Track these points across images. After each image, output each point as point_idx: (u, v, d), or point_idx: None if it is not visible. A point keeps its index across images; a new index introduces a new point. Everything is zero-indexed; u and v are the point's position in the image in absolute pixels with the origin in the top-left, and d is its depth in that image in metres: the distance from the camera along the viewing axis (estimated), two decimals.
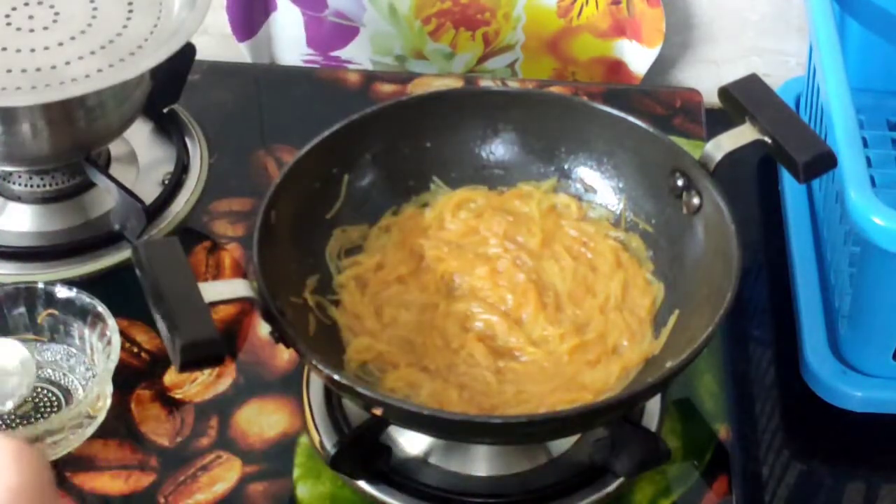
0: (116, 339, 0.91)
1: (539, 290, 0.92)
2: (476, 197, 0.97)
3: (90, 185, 1.06)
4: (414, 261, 0.94)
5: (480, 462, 0.89)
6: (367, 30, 1.35)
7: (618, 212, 0.96)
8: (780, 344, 1.07)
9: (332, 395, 0.91)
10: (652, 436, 0.87)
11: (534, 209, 0.96)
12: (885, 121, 1.23)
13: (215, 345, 0.74)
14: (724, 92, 0.90)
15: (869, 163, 1.17)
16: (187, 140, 1.12)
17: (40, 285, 0.94)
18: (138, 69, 0.97)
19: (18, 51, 0.99)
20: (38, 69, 0.97)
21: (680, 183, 0.91)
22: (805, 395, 1.01)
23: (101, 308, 0.93)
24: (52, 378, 0.95)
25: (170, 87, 1.09)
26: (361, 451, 0.85)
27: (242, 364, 0.97)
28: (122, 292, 0.97)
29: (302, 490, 0.89)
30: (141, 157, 1.11)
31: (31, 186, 1.06)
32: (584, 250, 0.94)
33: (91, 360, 0.94)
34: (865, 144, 1.18)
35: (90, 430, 0.91)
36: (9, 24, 1.01)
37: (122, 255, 1.02)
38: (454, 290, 0.92)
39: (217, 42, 1.36)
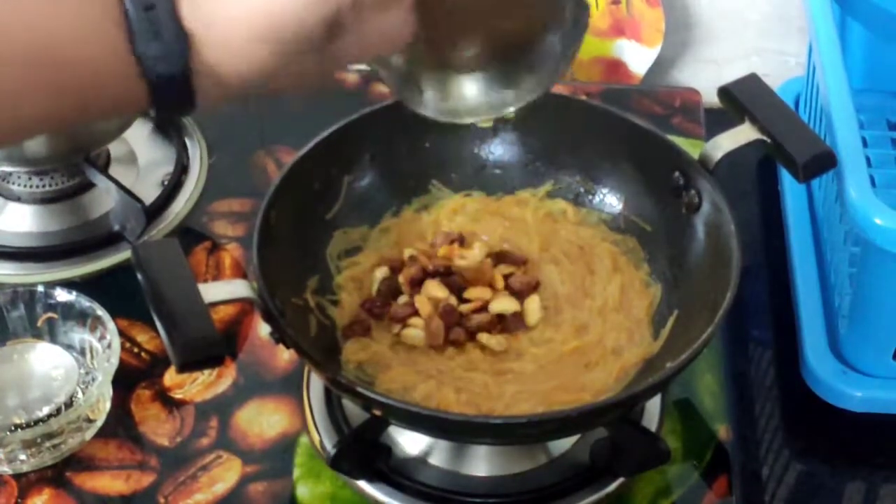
0: (116, 343, 0.91)
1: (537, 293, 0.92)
2: (473, 202, 0.97)
3: (90, 185, 1.06)
4: None
5: (480, 462, 0.89)
6: None
7: (617, 212, 0.96)
8: (780, 344, 1.06)
9: (332, 395, 0.91)
10: (652, 436, 0.87)
11: (529, 215, 0.96)
12: (885, 121, 1.23)
13: (215, 345, 0.74)
14: (723, 92, 0.90)
15: (869, 163, 1.17)
16: (187, 140, 1.12)
17: (40, 288, 0.94)
18: None
19: None
20: None
21: (679, 182, 0.91)
22: (805, 395, 1.01)
23: (101, 311, 0.93)
24: None
25: None
26: (361, 451, 0.85)
27: (242, 364, 0.97)
28: (121, 293, 0.96)
29: (302, 490, 0.89)
30: (141, 157, 1.11)
31: (31, 187, 1.06)
32: (581, 254, 0.94)
33: (90, 363, 0.94)
34: (865, 144, 1.18)
35: (89, 434, 0.91)
36: None
37: (121, 255, 1.02)
38: None
39: None
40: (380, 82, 1.20)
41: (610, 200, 0.96)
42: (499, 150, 0.98)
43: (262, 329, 0.94)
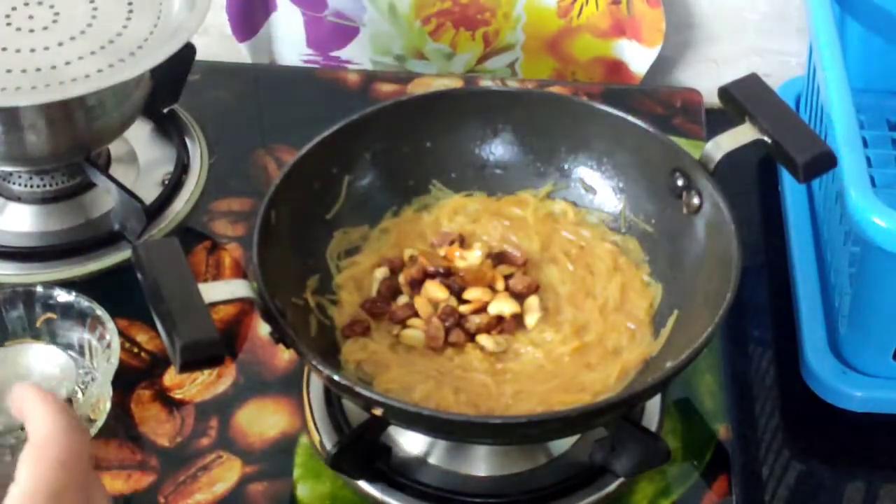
0: (116, 343, 0.91)
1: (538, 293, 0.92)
2: (473, 203, 0.97)
3: (90, 185, 1.06)
4: None
5: (480, 462, 0.89)
6: (367, 30, 1.35)
7: (617, 212, 0.96)
8: (780, 344, 1.07)
9: (332, 395, 0.91)
10: (652, 436, 0.87)
11: (529, 216, 0.96)
12: (885, 121, 1.23)
13: (215, 345, 0.74)
14: (724, 92, 0.90)
15: (869, 163, 1.17)
16: (187, 140, 1.12)
17: (39, 289, 0.94)
18: (138, 69, 0.97)
19: (18, 51, 0.99)
20: (38, 69, 0.97)
21: (680, 183, 0.91)
22: (805, 395, 1.01)
23: (101, 311, 0.92)
24: None
25: (170, 87, 1.09)
26: (361, 451, 0.85)
27: (242, 364, 0.97)
28: (121, 292, 0.96)
29: (302, 490, 0.89)
30: (141, 157, 1.11)
31: (31, 186, 1.06)
32: (582, 254, 0.94)
33: (90, 363, 0.94)
34: (865, 144, 1.18)
35: (90, 434, 0.91)
36: (9, 24, 1.01)
37: (121, 255, 1.02)
38: None
39: (217, 42, 1.36)
40: (381, 82, 1.20)
41: (610, 200, 0.96)
42: (499, 150, 0.98)
43: (262, 329, 0.94)
